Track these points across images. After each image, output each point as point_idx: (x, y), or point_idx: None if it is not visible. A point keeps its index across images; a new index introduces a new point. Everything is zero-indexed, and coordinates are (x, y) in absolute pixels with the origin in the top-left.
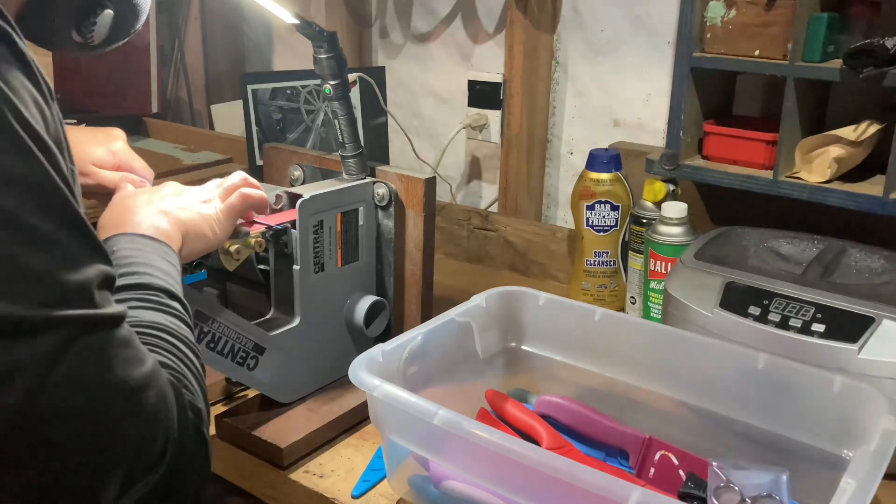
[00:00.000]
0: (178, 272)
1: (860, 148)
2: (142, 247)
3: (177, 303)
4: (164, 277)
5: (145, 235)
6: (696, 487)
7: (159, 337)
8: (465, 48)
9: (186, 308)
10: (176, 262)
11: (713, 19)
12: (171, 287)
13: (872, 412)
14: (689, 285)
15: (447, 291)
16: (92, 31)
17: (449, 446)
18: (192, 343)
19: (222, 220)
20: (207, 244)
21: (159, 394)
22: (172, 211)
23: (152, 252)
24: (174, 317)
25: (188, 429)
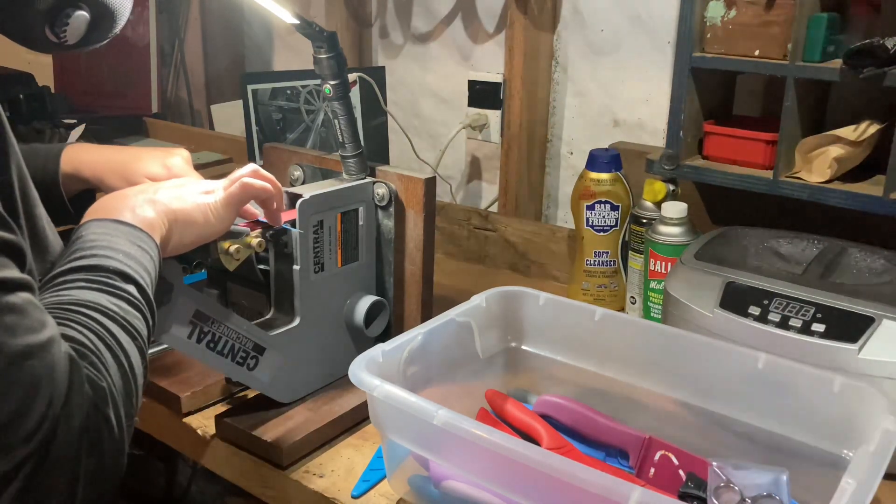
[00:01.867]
0: (150, 258)
1: (860, 148)
2: (111, 231)
3: (132, 286)
4: (125, 261)
5: (119, 221)
6: (696, 487)
7: (83, 314)
8: (465, 48)
9: (144, 292)
10: (150, 248)
11: (713, 19)
12: (129, 270)
13: (872, 412)
14: (689, 285)
15: (447, 291)
16: (65, 31)
17: (449, 446)
18: (133, 327)
19: (220, 208)
20: (200, 233)
21: (46, 365)
22: (163, 200)
23: (121, 236)
24: (120, 298)
25: (81, 406)
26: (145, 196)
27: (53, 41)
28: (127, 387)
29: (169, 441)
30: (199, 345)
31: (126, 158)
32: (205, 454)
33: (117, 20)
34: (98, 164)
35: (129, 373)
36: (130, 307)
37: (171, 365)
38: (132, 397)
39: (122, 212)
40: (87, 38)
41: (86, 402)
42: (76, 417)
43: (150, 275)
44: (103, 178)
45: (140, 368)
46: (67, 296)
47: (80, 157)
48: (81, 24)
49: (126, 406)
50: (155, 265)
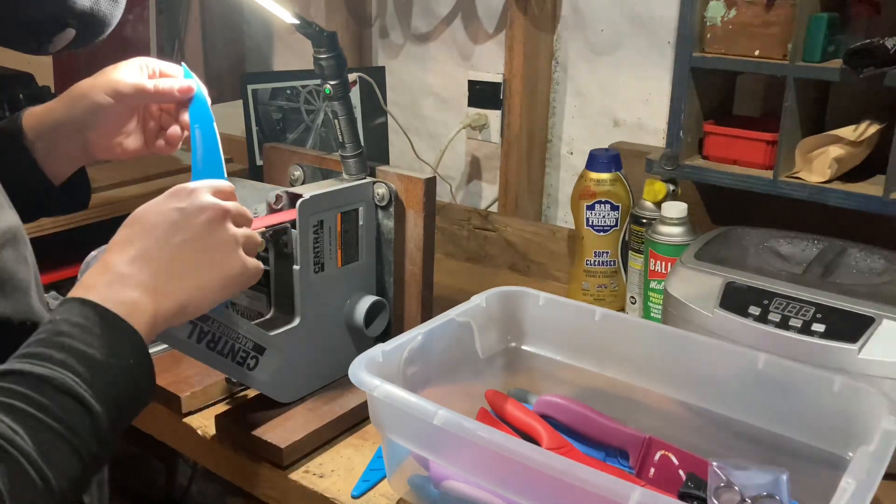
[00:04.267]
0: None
1: (860, 148)
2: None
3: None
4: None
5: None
6: (696, 487)
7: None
8: (465, 48)
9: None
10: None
11: (713, 19)
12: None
13: (872, 412)
14: (689, 285)
15: (447, 291)
16: (49, 43)
17: (449, 446)
18: (26, 452)
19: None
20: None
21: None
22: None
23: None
24: (22, 420)
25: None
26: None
27: (34, 47)
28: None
29: (169, 441)
30: (199, 345)
31: (89, 80)
32: (205, 454)
33: (106, 29)
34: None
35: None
36: (50, 444)
37: (171, 365)
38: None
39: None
40: (71, 46)
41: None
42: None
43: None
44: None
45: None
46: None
47: (34, 110)
48: (67, 38)
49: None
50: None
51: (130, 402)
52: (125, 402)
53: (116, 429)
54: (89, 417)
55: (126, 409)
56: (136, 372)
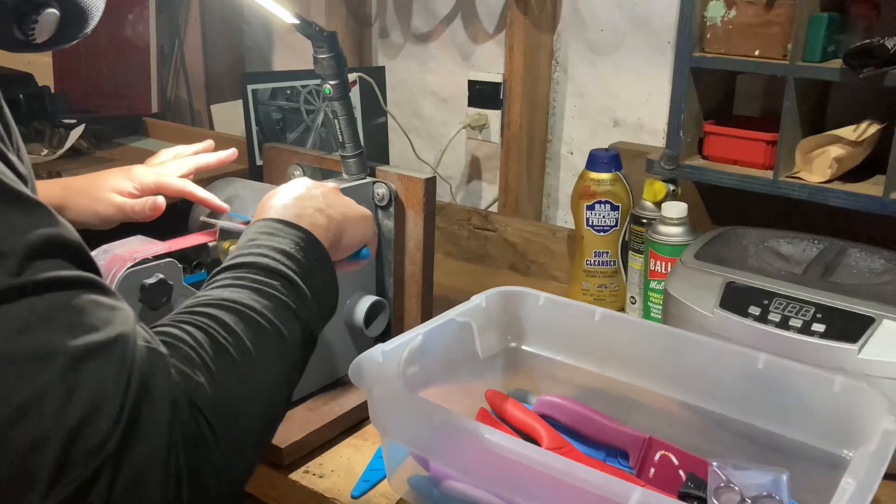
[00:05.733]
0: (306, 254)
1: (860, 148)
2: (275, 231)
3: (280, 281)
4: (278, 258)
5: (285, 222)
6: (696, 487)
7: (200, 312)
8: (465, 48)
9: (297, 289)
10: (314, 249)
11: (713, 19)
12: (276, 265)
13: (872, 412)
14: (689, 285)
15: (447, 291)
16: (33, 30)
17: (449, 446)
18: (271, 323)
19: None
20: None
21: (114, 363)
22: (328, 209)
23: (280, 236)
24: (254, 291)
25: (165, 399)
26: (314, 204)
27: (21, 39)
28: (241, 385)
29: None
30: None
31: (89, 179)
32: None
33: (89, 20)
34: (57, 186)
35: (248, 372)
36: (261, 297)
37: None
38: (253, 399)
39: (289, 215)
40: (57, 38)
41: (174, 396)
42: (161, 411)
43: (310, 273)
44: (69, 200)
45: (276, 368)
46: (203, 296)
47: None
48: (51, 23)
49: (239, 405)
50: (311, 260)
51: (327, 292)
52: (324, 292)
53: (322, 316)
54: (302, 293)
55: (327, 299)
56: (322, 267)
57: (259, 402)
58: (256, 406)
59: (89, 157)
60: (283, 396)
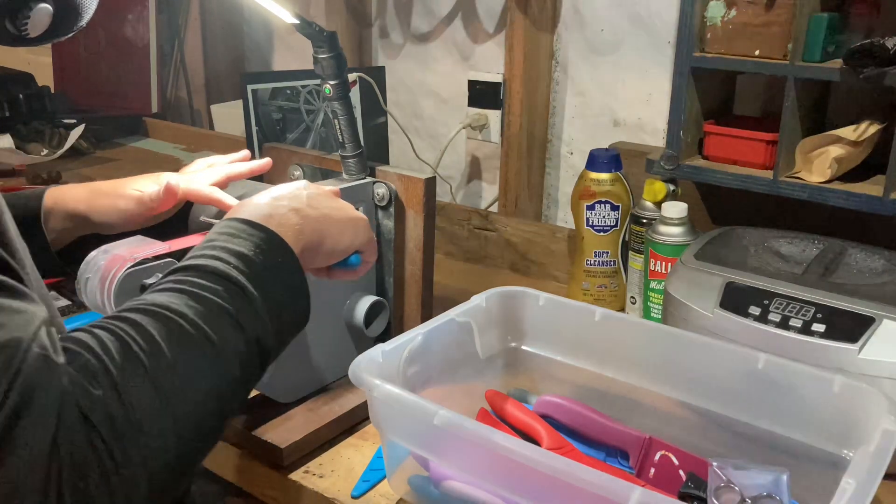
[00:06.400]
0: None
1: (860, 148)
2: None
3: (221, 284)
4: (227, 259)
5: (248, 222)
6: (696, 487)
7: (120, 317)
8: (465, 48)
9: (240, 288)
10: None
11: (713, 19)
12: (225, 268)
13: (872, 412)
14: (689, 285)
15: (447, 291)
16: (26, 24)
17: (449, 446)
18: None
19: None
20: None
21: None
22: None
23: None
24: (191, 296)
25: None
26: (292, 203)
27: (14, 33)
28: (151, 398)
29: None
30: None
31: (116, 181)
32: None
33: (82, 14)
34: (82, 192)
35: (162, 384)
36: (210, 309)
37: None
38: (166, 414)
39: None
40: (50, 32)
41: (61, 409)
42: (42, 425)
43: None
44: (94, 201)
45: (202, 381)
46: (138, 300)
47: (62, 191)
48: (44, 18)
49: (147, 421)
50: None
51: (286, 298)
52: (282, 298)
53: (278, 324)
54: (248, 300)
55: (285, 306)
56: (285, 271)
57: (175, 417)
58: (170, 422)
59: (89, 157)
60: (213, 412)
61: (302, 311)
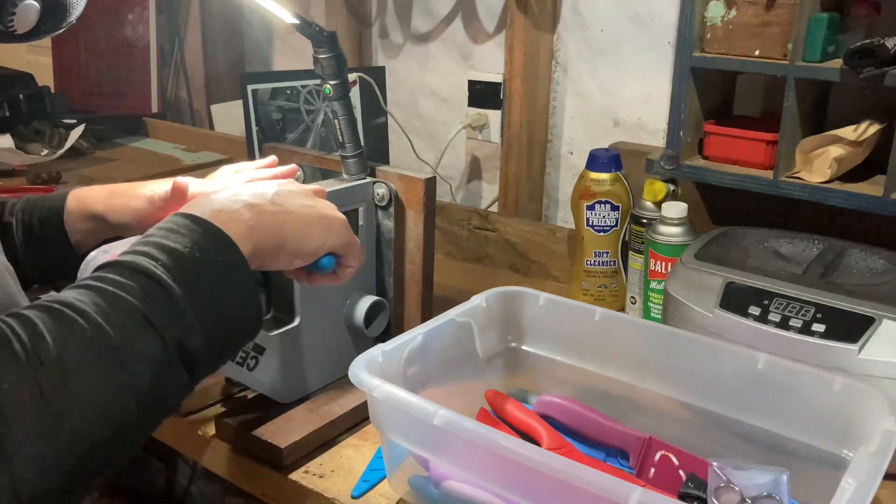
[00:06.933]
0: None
1: (860, 148)
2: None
3: (138, 280)
4: (154, 254)
5: (190, 215)
6: (696, 487)
7: (14, 313)
8: (465, 48)
9: (162, 286)
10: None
11: (713, 19)
12: (147, 264)
13: (872, 412)
14: (689, 285)
15: (447, 291)
16: (12, 20)
17: (449, 446)
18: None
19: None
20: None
21: None
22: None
23: (179, 232)
24: (99, 292)
25: None
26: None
27: (0, 30)
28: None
29: (169, 441)
30: None
31: (131, 183)
32: (205, 454)
33: (70, 11)
34: (102, 192)
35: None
36: (117, 307)
37: None
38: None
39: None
40: (38, 29)
41: None
42: None
43: (199, 276)
44: (110, 202)
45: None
46: (47, 296)
47: (84, 192)
48: (31, 14)
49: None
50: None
51: (223, 298)
52: (217, 298)
53: (211, 327)
54: (168, 298)
55: (220, 306)
56: (226, 269)
57: (53, 422)
58: (47, 427)
59: (89, 157)
60: (110, 419)
61: (248, 312)
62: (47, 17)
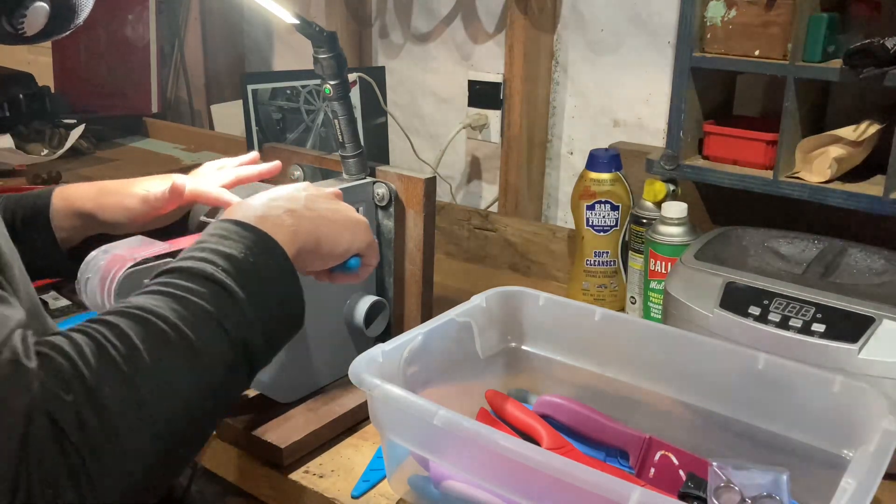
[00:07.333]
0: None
1: (860, 148)
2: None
3: (206, 286)
4: (215, 261)
5: (241, 223)
6: (696, 487)
7: (100, 320)
8: (465, 48)
9: (227, 290)
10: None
11: (713, 19)
12: (212, 270)
13: (872, 412)
14: (689, 285)
15: (447, 291)
16: (23, 22)
17: (449, 446)
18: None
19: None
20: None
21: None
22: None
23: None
24: (174, 298)
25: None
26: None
27: (10, 32)
28: (126, 402)
29: None
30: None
31: (122, 181)
32: (205, 454)
33: (79, 13)
34: (90, 190)
35: (138, 387)
36: (193, 312)
37: None
38: (142, 419)
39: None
40: (46, 31)
41: (29, 414)
42: (8, 433)
43: (257, 281)
44: (101, 200)
45: (181, 385)
46: (122, 302)
47: (70, 190)
48: (40, 16)
49: (121, 426)
50: (274, 273)
51: (276, 299)
52: (271, 299)
53: (267, 327)
54: (234, 301)
55: (274, 307)
56: (277, 272)
57: (151, 422)
58: (147, 426)
59: (89, 157)
60: (194, 416)
61: (295, 314)
62: (56, 19)
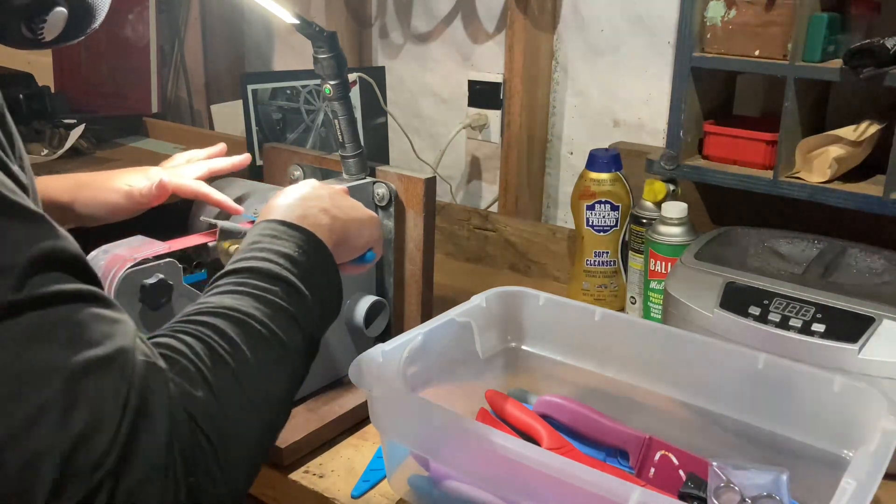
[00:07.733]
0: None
1: (860, 148)
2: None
3: (278, 285)
4: (277, 260)
5: (288, 223)
6: (696, 487)
7: (199, 321)
8: (465, 48)
9: (295, 288)
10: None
11: (713, 19)
12: (278, 270)
13: (872, 412)
14: (689, 285)
15: (447, 291)
16: (42, 28)
17: (449, 446)
18: (272, 332)
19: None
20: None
21: (112, 379)
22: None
23: (283, 238)
24: (254, 298)
25: (164, 416)
26: (319, 204)
27: (29, 37)
28: (239, 396)
29: None
30: None
31: (101, 173)
32: None
33: (96, 16)
34: (66, 182)
35: (246, 383)
36: (262, 304)
37: None
38: (252, 410)
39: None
40: (64, 35)
41: (172, 411)
42: (159, 427)
43: (312, 277)
44: (78, 193)
45: (276, 378)
46: (203, 303)
47: (45, 181)
48: (59, 21)
49: (238, 417)
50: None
51: (327, 293)
52: (324, 294)
53: (323, 321)
54: (302, 297)
55: (327, 301)
56: (325, 268)
57: (258, 412)
58: (255, 417)
59: (89, 157)
60: (284, 406)
61: (338, 305)
62: (73, 23)
